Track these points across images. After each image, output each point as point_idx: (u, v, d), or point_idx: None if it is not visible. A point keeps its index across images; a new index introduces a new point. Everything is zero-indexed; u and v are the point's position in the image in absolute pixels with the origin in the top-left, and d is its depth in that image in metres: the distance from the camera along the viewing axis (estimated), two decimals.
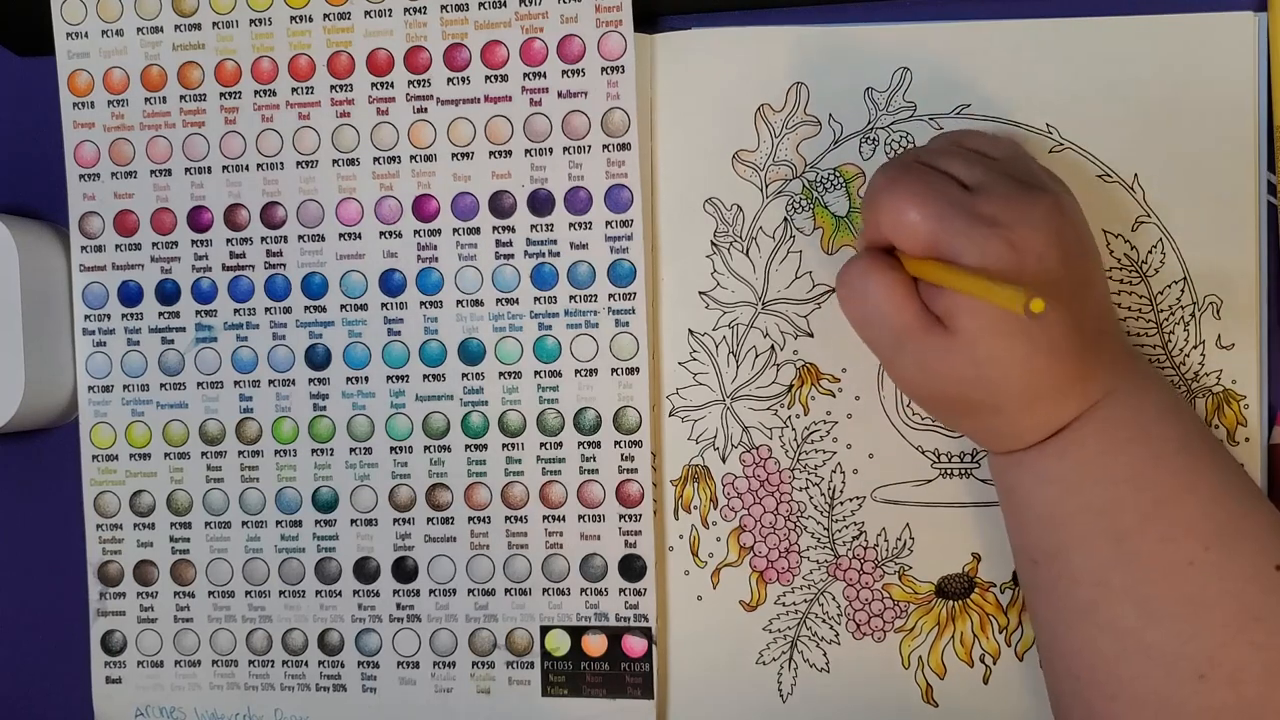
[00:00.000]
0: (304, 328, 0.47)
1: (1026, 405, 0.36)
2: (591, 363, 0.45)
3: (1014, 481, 0.38)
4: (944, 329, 0.36)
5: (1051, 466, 0.37)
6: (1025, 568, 0.39)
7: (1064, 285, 0.35)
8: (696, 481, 0.45)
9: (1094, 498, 0.36)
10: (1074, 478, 0.36)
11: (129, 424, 0.48)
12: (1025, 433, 0.37)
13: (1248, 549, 0.35)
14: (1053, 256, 0.35)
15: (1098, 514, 0.36)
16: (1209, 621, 0.34)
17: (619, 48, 0.44)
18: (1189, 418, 0.38)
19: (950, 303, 0.35)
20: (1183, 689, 0.34)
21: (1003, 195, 0.35)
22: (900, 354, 0.37)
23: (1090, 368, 0.36)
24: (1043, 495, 0.37)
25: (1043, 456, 0.37)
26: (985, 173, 0.36)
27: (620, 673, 0.45)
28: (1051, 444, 0.37)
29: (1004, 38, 0.43)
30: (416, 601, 0.46)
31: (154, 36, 0.47)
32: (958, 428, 0.40)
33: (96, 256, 0.48)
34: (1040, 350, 0.35)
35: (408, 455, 0.46)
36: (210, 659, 0.48)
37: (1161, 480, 0.36)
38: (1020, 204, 0.35)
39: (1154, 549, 0.35)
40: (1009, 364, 0.35)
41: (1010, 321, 0.34)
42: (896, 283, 0.37)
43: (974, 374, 0.35)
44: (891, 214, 0.36)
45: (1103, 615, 0.36)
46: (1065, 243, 0.35)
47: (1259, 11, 0.42)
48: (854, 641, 0.45)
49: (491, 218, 0.45)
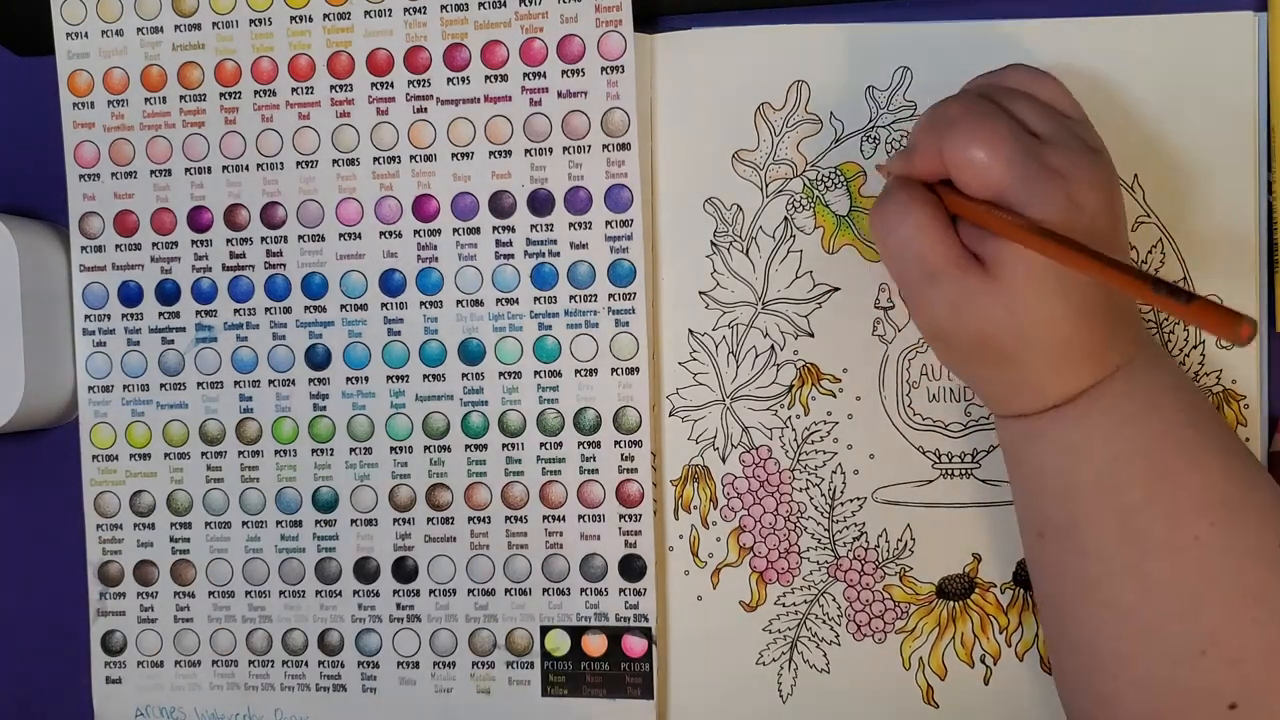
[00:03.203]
0: (304, 328, 0.47)
1: (1050, 362, 0.36)
2: (591, 363, 0.45)
3: (1025, 450, 0.38)
4: (983, 271, 0.35)
5: (1066, 434, 0.36)
6: (1032, 541, 0.39)
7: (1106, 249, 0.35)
8: (696, 481, 0.45)
9: (1103, 470, 0.36)
10: (1087, 448, 0.36)
11: (129, 424, 0.48)
12: (1042, 391, 0.36)
13: (1251, 527, 0.35)
14: (1104, 220, 0.35)
15: (1108, 487, 0.36)
16: (1211, 599, 0.34)
17: (619, 48, 0.44)
18: (1197, 396, 0.38)
19: (998, 247, 0.35)
20: (1183, 666, 0.34)
21: (1071, 151, 0.35)
22: (932, 291, 0.36)
23: (1113, 337, 0.36)
24: (1056, 465, 0.37)
25: (1057, 423, 0.37)
26: (1057, 127, 0.36)
27: (620, 673, 0.45)
28: (1066, 410, 0.36)
29: (1004, 38, 0.43)
30: (416, 601, 0.46)
31: (154, 37, 0.47)
32: (970, 376, 0.39)
33: (96, 256, 0.48)
34: (1075, 308, 0.35)
35: (408, 455, 0.46)
36: (210, 659, 0.48)
37: (1168, 454, 0.36)
38: (1086, 162, 0.35)
39: (1158, 525, 0.35)
40: (1044, 316, 0.35)
41: (1053, 276, 0.34)
42: (938, 217, 0.36)
43: (1008, 321, 0.35)
44: (960, 148, 0.35)
45: (1105, 591, 0.36)
46: (1115, 210, 0.36)
47: (1259, 11, 0.42)
48: (854, 642, 0.45)
49: (491, 218, 0.45)
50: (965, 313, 0.36)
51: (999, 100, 0.37)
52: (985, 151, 0.35)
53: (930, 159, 0.37)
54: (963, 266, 0.36)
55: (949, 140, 0.36)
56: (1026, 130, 0.36)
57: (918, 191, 0.37)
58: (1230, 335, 0.28)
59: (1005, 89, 0.37)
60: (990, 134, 0.35)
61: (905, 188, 0.37)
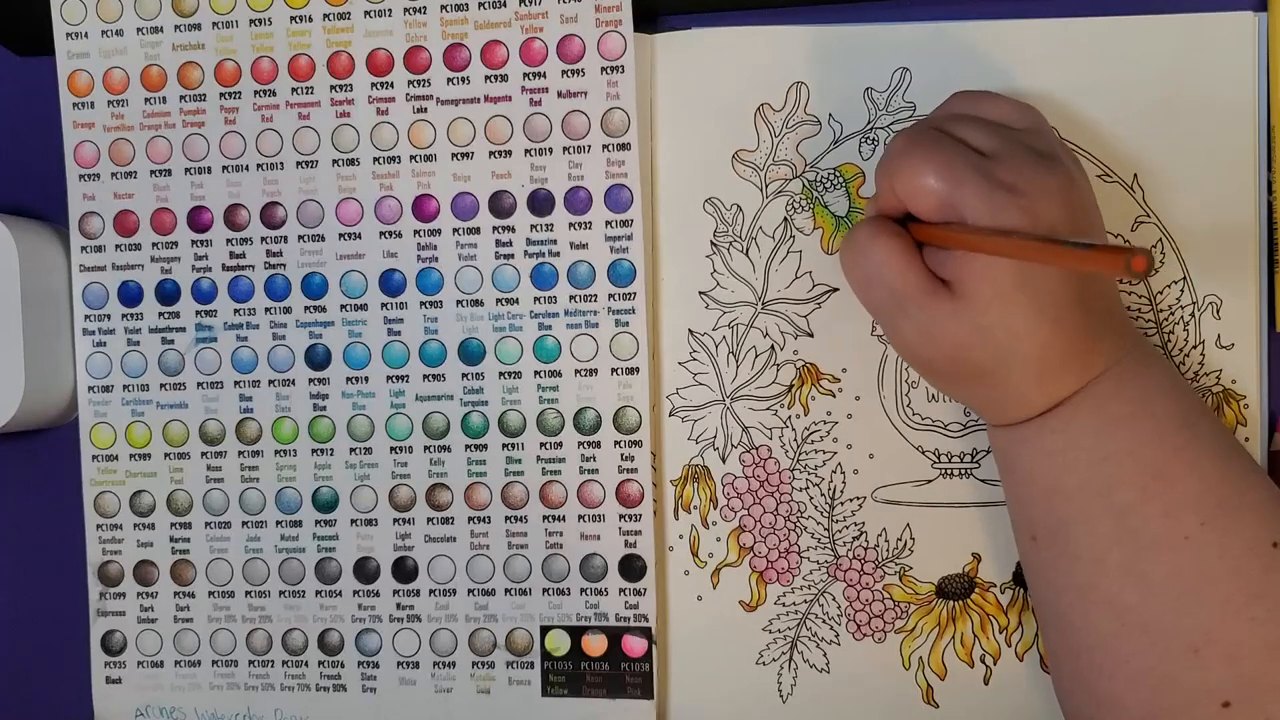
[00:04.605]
0: (304, 328, 0.47)
1: (1029, 374, 0.36)
2: (591, 363, 0.45)
3: (1015, 456, 0.38)
4: (949, 294, 0.36)
5: (1052, 440, 0.37)
6: (1025, 545, 0.39)
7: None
8: (696, 481, 0.45)
9: (1094, 472, 0.36)
10: (1074, 452, 0.36)
11: (129, 424, 0.48)
12: (1026, 403, 0.37)
13: (1247, 525, 0.35)
14: (1065, 228, 0.35)
15: (1098, 489, 0.36)
16: (1207, 597, 0.35)
17: (619, 48, 0.44)
18: (1190, 396, 0.38)
19: (958, 268, 0.35)
20: (1179, 664, 0.35)
21: (1020, 163, 0.35)
22: (902, 318, 0.37)
23: (1094, 341, 0.36)
24: (1044, 469, 0.37)
25: (1043, 430, 0.37)
26: (1003, 141, 0.36)
27: (620, 673, 0.45)
28: (1052, 417, 0.36)
29: (1004, 38, 0.43)
30: (416, 601, 0.46)
31: (154, 37, 0.47)
32: (956, 395, 0.40)
33: (96, 256, 0.48)
34: (1047, 319, 0.35)
35: (408, 455, 0.46)
36: (210, 659, 0.48)
37: (1162, 456, 0.36)
38: (1037, 173, 0.35)
39: (1153, 525, 0.35)
40: (1015, 330, 0.35)
41: (1018, 289, 0.34)
42: (902, 246, 0.37)
43: (979, 340, 0.35)
44: (909, 178, 0.36)
45: (1101, 592, 0.36)
46: (1077, 216, 0.36)
47: (1259, 11, 0.42)
48: (854, 642, 0.45)
49: (491, 218, 0.45)
50: (938, 336, 0.36)
51: (943, 127, 0.37)
52: (934, 176, 0.35)
53: (889, 196, 0.37)
54: (930, 291, 0.36)
55: (898, 172, 0.36)
56: (974, 150, 0.36)
57: (883, 224, 0.38)
58: (1123, 270, 0.28)
59: (949, 117, 0.38)
60: (935, 159, 0.35)
61: (871, 222, 0.38)
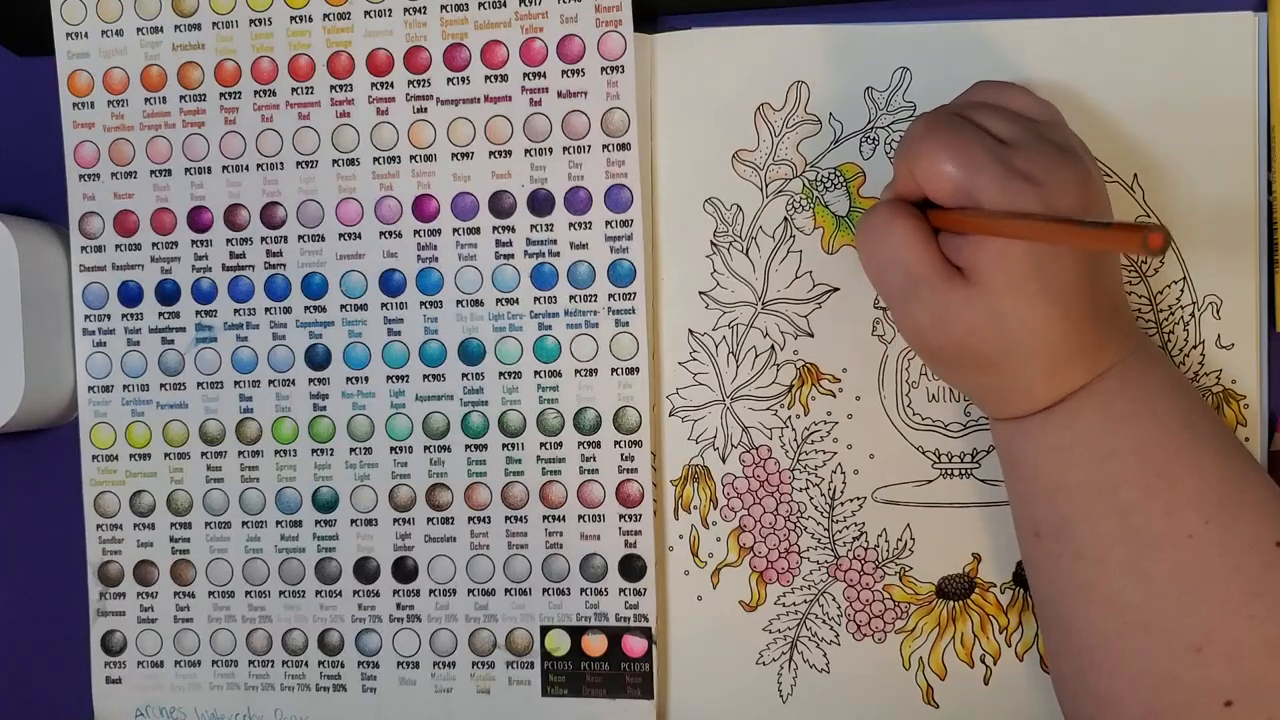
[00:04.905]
0: (304, 328, 0.47)
1: (1039, 365, 0.36)
2: (591, 363, 0.45)
3: (1019, 451, 0.38)
4: (964, 280, 0.36)
5: (1056, 435, 0.37)
6: (1028, 543, 0.39)
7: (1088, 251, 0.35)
8: (696, 481, 0.45)
9: (1098, 470, 0.36)
10: (1079, 448, 0.36)
11: (129, 424, 0.48)
12: (1031, 395, 0.37)
13: (1248, 524, 0.35)
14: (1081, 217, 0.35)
15: (1102, 486, 0.36)
16: (1208, 596, 0.35)
17: (619, 48, 0.44)
18: (1192, 395, 0.38)
19: (973, 254, 0.35)
20: (1179, 662, 0.35)
21: (1038, 154, 0.35)
22: (915, 302, 0.37)
23: (1103, 337, 0.36)
24: (1048, 465, 0.37)
25: (1047, 425, 0.37)
26: (1023, 131, 0.36)
27: (620, 673, 0.45)
28: (1056, 412, 0.36)
29: (1004, 38, 0.43)
30: (416, 601, 0.46)
31: (154, 37, 0.47)
32: (961, 384, 0.40)
33: (96, 256, 0.48)
34: (1059, 310, 0.35)
35: (408, 455, 0.46)
36: (210, 659, 0.48)
37: (1165, 454, 0.36)
38: (1055, 165, 0.35)
39: (1156, 523, 0.35)
40: (1028, 320, 0.35)
41: (1032, 278, 0.34)
42: (919, 229, 0.37)
43: (992, 327, 0.35)
44: (927, 163, 0.36)
45: (1103, 590, 0.36)
46: (1091, 210, 0.36)
47: (1259, 11, 0.42)
48: (854, 642, 0.45)
49: (491, 218, 0.45)
50: (950, 322, 0.36)
51: (963, 113, 0.37)
52: (951, 162, 0.35)
53: (907, 180, 0.37)
54: (945, 276, 0.36)
55: (917, 157, 0.36)
56: (993, 138, 0.36)
57: (900, 208, 0.38)
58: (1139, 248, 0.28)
59: (971, 104, 0.38)
60: (955, 144, 0.35)
61: (888, 205, 0.38)
